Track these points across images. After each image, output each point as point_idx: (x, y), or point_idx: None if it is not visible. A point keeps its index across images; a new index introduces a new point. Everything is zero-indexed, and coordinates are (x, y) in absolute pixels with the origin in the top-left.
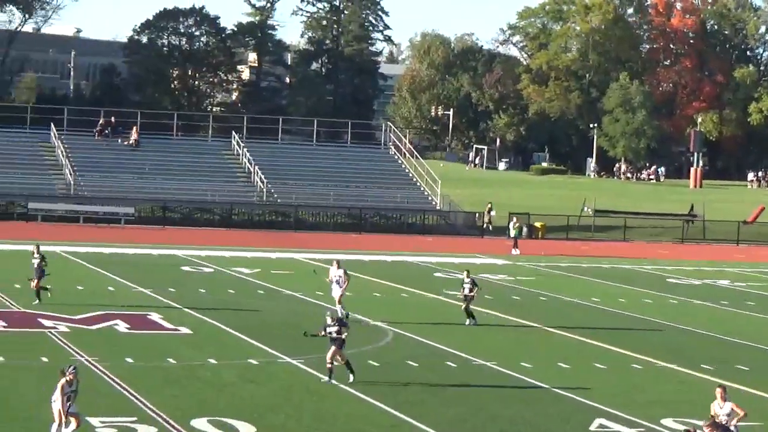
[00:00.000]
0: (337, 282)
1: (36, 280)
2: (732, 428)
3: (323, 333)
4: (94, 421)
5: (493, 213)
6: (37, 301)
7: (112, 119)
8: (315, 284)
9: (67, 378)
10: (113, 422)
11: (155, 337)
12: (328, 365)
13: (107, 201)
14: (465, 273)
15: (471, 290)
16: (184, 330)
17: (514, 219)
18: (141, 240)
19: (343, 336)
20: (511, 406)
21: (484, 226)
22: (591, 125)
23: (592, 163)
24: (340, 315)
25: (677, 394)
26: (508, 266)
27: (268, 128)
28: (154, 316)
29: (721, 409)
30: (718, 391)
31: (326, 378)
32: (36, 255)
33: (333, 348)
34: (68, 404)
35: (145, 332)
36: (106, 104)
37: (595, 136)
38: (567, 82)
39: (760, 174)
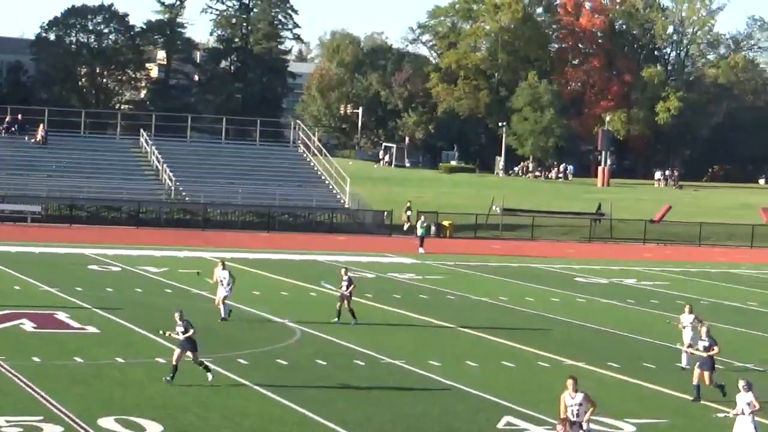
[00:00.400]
0: (221, 282)
1: None
2: (584, 424)
3: (170, 334)
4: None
5: (409, 213)
6: None
7: (19, 116)
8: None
9: None
10: (19, 421)
11: (62, 336)
12: (173, 363)
13: (14, 199)
14: (343, 270)
15: (348, 288)
16: (91, 329)
17: (422, 218)
18: (48, 239)
19: (191, 334)
20: (418, 404)
21: (405, 226)
22: (500, 124)
23: (501, 162)
24: (223, 315)
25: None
26: (416, 265)
27: (176, 126)
28: (61, 315)
29: (572, 399)
30: (570, 382)
31: (169, 377)
32: None
33: (178, 350)
34: None
35: (52, 331)
36: (12, 102)
37: (504, 135)
38: (476, 81)
39: (666, 173)
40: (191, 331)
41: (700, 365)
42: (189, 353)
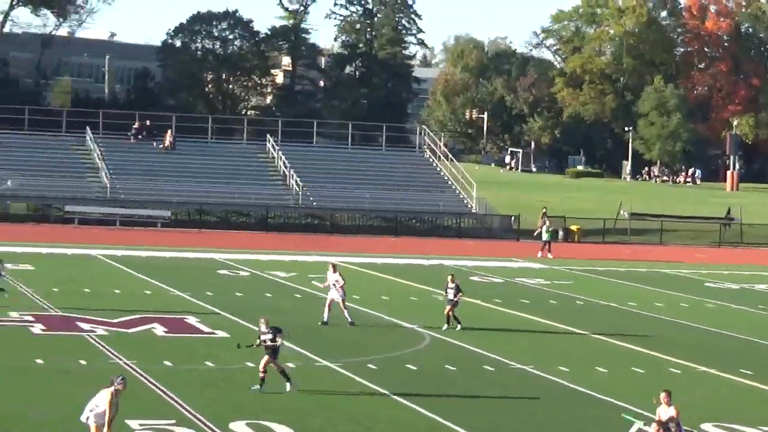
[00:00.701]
0: (333, 286)
1: None
2: None
3: (258, 343)
4: (133, 423)
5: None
6: None
7: (147, 123)
8: (351, 288)
9: (116, 387)
10: (152, 425)
11: (192, 340)
12: (261, 374)
13: (143, 204)
14: (449, 277)
15: (455, 295)
16: (221, 333)
17: (547, 222)
18: (177, 243)
19: (278, 344)
20: (548, 410)
21: (536, 232)
22: (626, 128)
23: (627, 166)
24: (349, 320)
25: (716, 398)
26: (544, 270)
27: (302, 132)
28: (191, 320)
29: (665, 414)
30: (663, 395)
31: (257, 387)
32: None
33: (266, 356)
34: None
35: (183, 335)
36: (140, 108)
37: (630, 139)
38: (601, 85)
39: None
40: (279, 341)
41: None
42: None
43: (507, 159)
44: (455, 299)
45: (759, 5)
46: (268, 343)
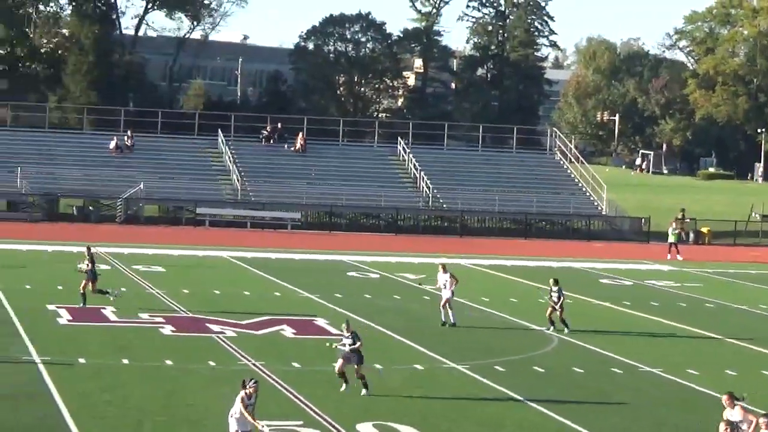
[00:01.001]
0: (444, 286)
1: (91, 283)
2: None
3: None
4: (260, 424)
5: (687, 220)
6: (82, 304)
7: (279, 125)
8: (480, 290)
9: (247, 391)
10: (280, 426)
11: (321, 342)
12: (339, 376)
13: (274, 206)
14: (552, 281)
15: (559, 298)
16: None
17: (673, 224)
18: (307, 245)
19: (357, 346)
20: (678, 414)
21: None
22: (759, 130)
23: (760, 168)
24: (452, 320)
25: None
26: (674, 272)
27: (433, 134)
28: (320, 322)
29: (731, 416)
30: (725, 398)
31: (343, 387)
32: (87, 258)
33: (341, 360)
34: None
35: (311, 337)
36: (272, 111)
37: (763, 141)
38: (734, 86)
39: None
40: (358, 344)
41: None
42: (354, 365)
43: (638, 161)
44: (558, 304)
45: None
46: (347, 347)
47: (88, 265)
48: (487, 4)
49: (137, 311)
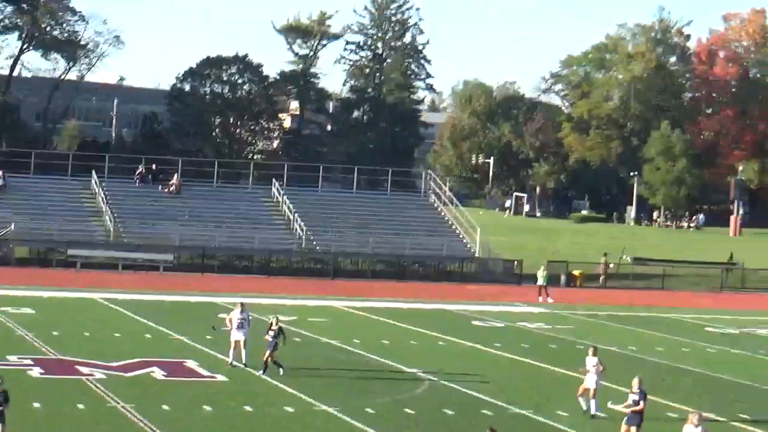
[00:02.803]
0: (241, 325)
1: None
2: None
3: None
4: None
5: (611, 265)
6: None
7: (154, 166)
8: (353, 332)
9: None
10: None
11: (192, 384)
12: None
13: (147, 248)
14: (274, 319)
15: (275, 337)
16: (221, 377)
17: (542, 267)
18: (179, 287)
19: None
20: None
21: (601, 277)
22: (631, 173)
23: (632, 211)
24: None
25: None
26: (545, 314)
27: (308, 176)
28: (191, 363)
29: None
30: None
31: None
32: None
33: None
34: None
35: (182, 379)
36: (148, 152)
37: (635, 184)
38: (608, 130)
39: None
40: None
41: (628, 420)
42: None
43: (507, 203)
44: (274, 342)
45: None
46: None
47: None
48: (365, 47)
49: (5, 353)
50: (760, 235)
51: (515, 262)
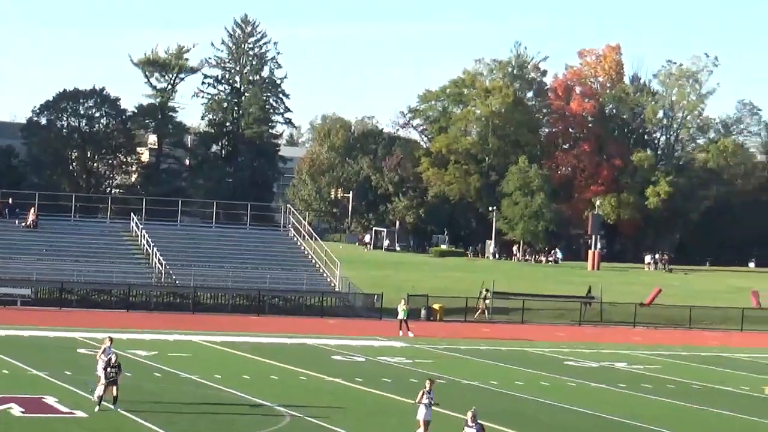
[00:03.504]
0: (102, 358)
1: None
2: None
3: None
4: None
5: (488, 300)
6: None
7: (10, 200)
8: (213, 367)
9: None
10: None
11: (50, 420)
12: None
13: (4, 282)
14: (100, 351)
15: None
16: (80, 413)
17: (402, 301)
18: (37, 322)
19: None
20: None
21: (476, 313)
22: (490, 208)
23: (491, 246)
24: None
25: None
26: (406, 349)
27: (167, 210)
28: (50, 399)
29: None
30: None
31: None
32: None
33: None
34: None
35: (40, 416)
36: (3, 186)
37: (494, 219)
38: (466, 165)
39: (656, 257)
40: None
41: None
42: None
43: (366, 238)
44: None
45: (623, 87)
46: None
47: None
48: (223, 81)
49: None
50: (617, 269)
51: (375, 296)
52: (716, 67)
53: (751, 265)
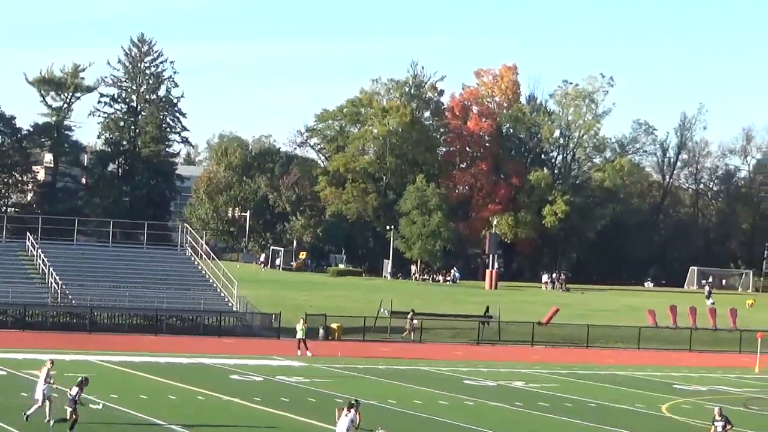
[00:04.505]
0: (48, 378)
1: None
2: None
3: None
4: None
5: (415, 321)
6: None
7: None
8: (109, 387)
9: None
10: None
11: None
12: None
13: None
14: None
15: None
16: None
17: (301, 320)
18: None
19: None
20: None
21: (404, 333)
22: (388, 227)
23: (388, 265)
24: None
25: None
26: (304, 368)
27: (63, 229)
28: None
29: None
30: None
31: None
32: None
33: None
34: None
35: None
36: None
37: (392, 238)
38: (364, 184)
39: (554, 276)
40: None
41: None
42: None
43: (261, 258)
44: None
45: (520, 107)
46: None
47: None
48: (119, 100)
49: None
50: (515, 288)
51: (273, 316)
52: (612, 87)
53: (647, 284)
